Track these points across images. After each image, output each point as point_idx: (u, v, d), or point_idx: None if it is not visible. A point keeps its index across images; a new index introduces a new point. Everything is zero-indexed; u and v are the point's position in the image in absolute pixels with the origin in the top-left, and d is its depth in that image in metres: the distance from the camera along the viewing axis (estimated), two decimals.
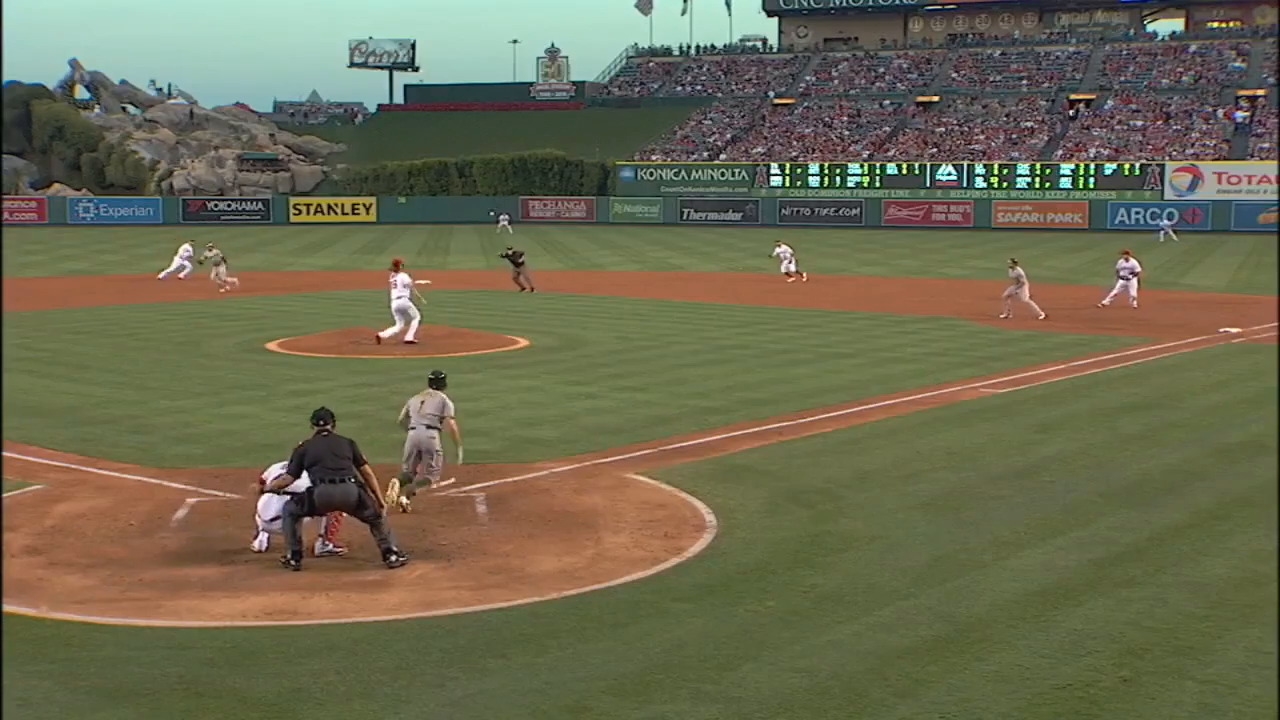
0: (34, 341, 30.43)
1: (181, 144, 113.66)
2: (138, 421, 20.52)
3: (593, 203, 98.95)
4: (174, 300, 41.08)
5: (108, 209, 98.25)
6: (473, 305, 39.78)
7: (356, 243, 73.00)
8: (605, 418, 21.02)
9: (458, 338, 31.40)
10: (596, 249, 69.52)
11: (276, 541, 13.31)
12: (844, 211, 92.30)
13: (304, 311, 37.68)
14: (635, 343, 30.67)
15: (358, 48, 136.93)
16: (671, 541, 13.92)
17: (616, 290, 45.31)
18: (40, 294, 43.58)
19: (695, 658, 10.53)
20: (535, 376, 25.22)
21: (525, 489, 16.23)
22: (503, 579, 12.63)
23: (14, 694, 9.71)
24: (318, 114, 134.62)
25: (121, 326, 33.66)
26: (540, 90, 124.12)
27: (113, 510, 15.13)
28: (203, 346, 29.87)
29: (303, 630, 11.22)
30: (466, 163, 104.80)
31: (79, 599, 11.97)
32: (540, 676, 10.15)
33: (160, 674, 10.15)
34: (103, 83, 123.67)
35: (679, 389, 23.84)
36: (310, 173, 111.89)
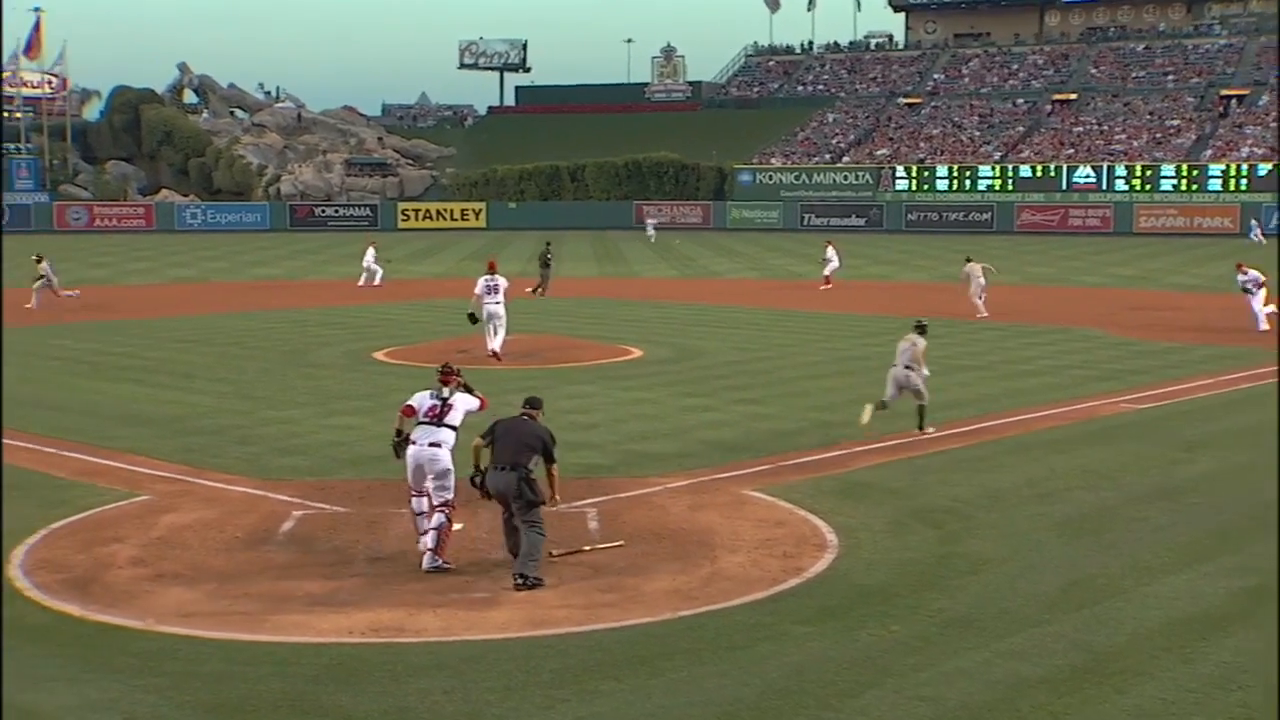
0: (140, 350, 31.22)
1: (289, 148, 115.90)
2: (244, 432, 20.94)
3: (709, 207, 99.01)
4: (289, 307, 41.85)
5: (215, 215, 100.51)
6: (584, 314, 40.00)
7: (466, 249, 73.80)
8: (722, 431, 21.00)
9: (569, 348, 31.59)
10: (713, 256, 69.53)
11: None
12: (974, 216, 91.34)
13: (411, 320, 38.17)
14: (753, 353, 30.61)
15: (468, 48, 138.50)
16: (791, 561, 13.85)
17: (734, 299, 45.27)
18: (147, 301, 44.73)
19: (815, 683, 10.47)
20: (649, 388, 25.27)
21: (638, 504, 16.26)
22: (614, 598, 12.67)
23: (121, 708, 9.96)
24: (427, 117, 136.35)
25: (227, 335, 34.38)
26: (655, 91, 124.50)
27: (219, 522, 15.45)
28: (309, 355, 30.40)
29: (409, 648, 11.35)
30: (579, 166, 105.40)
31: (185, 612, 12.23)
32: (653, 700, 10.16)
33: (265, 690, 10.34)
34: (211, 86, 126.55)
35: (799, 402, 23.74)
36: (419, 177, 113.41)
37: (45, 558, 13.97)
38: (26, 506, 16.06)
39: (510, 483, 13.16)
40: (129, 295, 47.93)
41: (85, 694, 10.24)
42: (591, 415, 21.97)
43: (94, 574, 13.37)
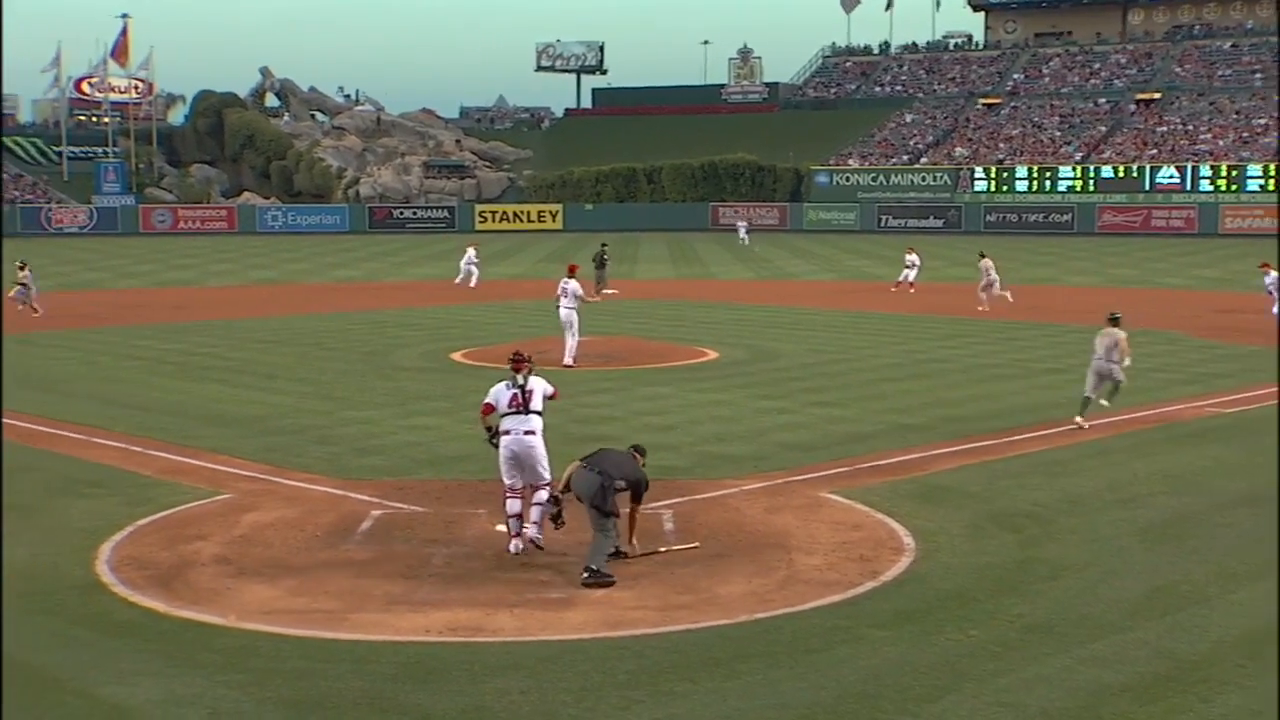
0: (224, 350, 31.64)
1: (368, 151, 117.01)
2: (324, 432, 21.16)
3: (786, 209, 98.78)
4: (368, 308, 42.24)
5: (295, 217, 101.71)
6: (660, 316, 40.04)
7: (542, 250, 74.12)
8: (798, 434, 20.94)
9: (644, 350, 31.63)
10: (789, 257, 69.36)
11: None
12: (1054, 217, 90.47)
13: (488, 321, 38.39)
14: (830, 356, 30.50)
15: (545, 51, 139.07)
16: (867, 565, 13.79)
17: (810, 301, 45.13)
18: (230, 302, 45.32)
19: (893, 688, 10.41)
20: (725, 390, 25.25)
21: (714, 506, 16.25)
22: (690, 600, 12.67)
23: (204, 704, 10.10)
24: (504, 119, 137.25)
25: (308, 335, 34.76)
26: (732, 92, 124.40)
27: (299, 521, 15.62)
28: (388, 356, 30.66)
29: (486, 647, 11.42)
30: (655, 168, 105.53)
31: (266, 609, 12.38)
32: (729, 702, 10.15)
33: (344, 688, 10.44)
34: (292, 90, 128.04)
35: (876, 404, 23.63)
36: (496, 179, 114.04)
37: (131, 554, 14.20)
38: (113, 504, 16.34)
39: (594, 484, 13.29)
40: (212, 296, 48.61)
41: (171, 689, 10.40)
42: (667, 417, 21.98)
43: (178, 571, 13.58)
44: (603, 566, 13.15)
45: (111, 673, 10.75)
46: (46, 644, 11.47)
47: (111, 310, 42.18)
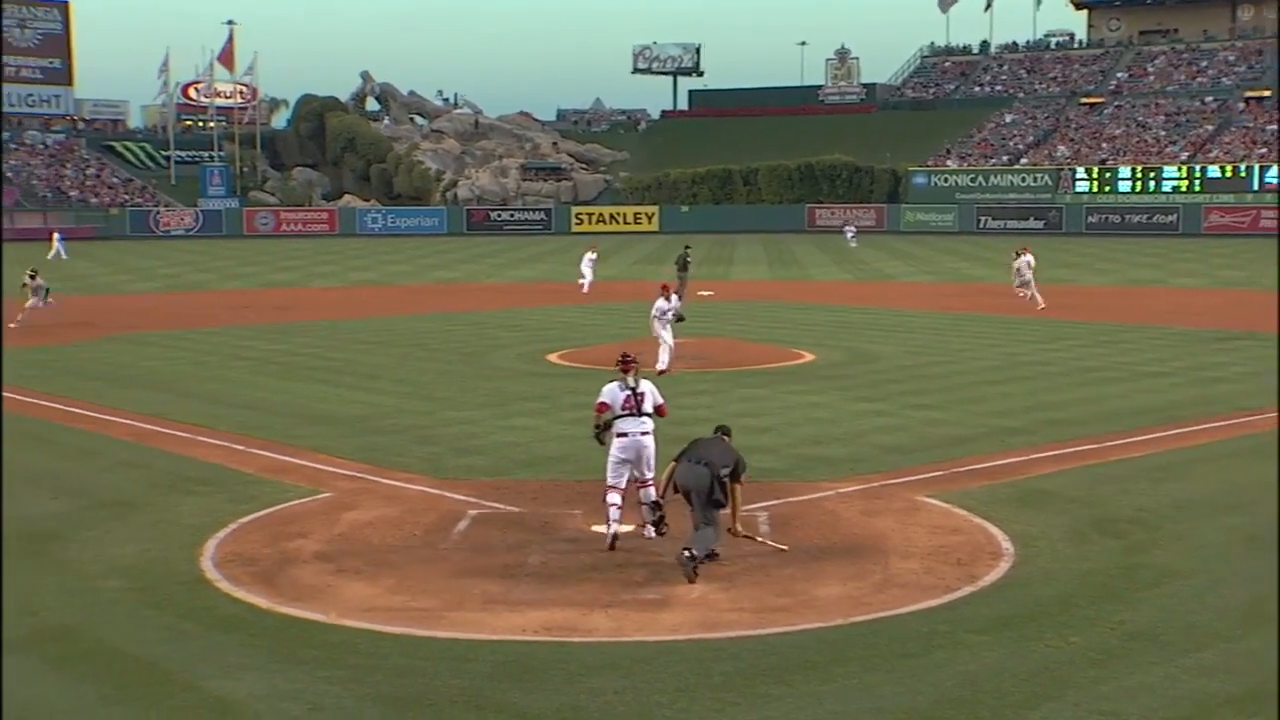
0: (325, 351, 32.06)
1: (466, 153, 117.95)
2: (424, 432, 21.36)
3: (883, 210, 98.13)
4: (467, 310, 42.59)
5: (395, 219, 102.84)
6: (757, 317, 39.95)
7: (638, 252, 74.25)
8: (896, 436, 20.79)
9: (741, 351, 31.58)
10: (887, 259, 68.90)
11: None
12: (1158, 218, 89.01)
13: (584, 323, 38.53)
14: (928, 358, 30.24)
15: (641, 53, 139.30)
16: (965, 569, 13.66)
17: (908, 303, 44.79)
18: (332, 304, 45.92)
19: (991, 694, 10.31)
20: (822, 392, 25.13)
21: (810, 509, 16.19)
22: (786, 602, 12.63)
23: (305, 698, 10.25)
24: (601, 121, 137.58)
25: (408, 336, 35.10)
26: (829, 93, 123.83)
27: (398, 520, 15.79)
28: (486, 358, 30.88)
29: (582, 647, 11.46)
30: (751, 170, 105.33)
31: (365, 607, 12.53)
32: (825, 706, 10.11)
33: (442, 685, 10.54)
34: (392, 94, 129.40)
35: (976, 407, 23.39)
36: (592, 181, 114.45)
37: (235, 551, 14.44)
38: (218, 501, 16.63)
39: (703, 478, 13.30)
40: (315, 298, 49.27)
41: (273, 683, 10.56)
42: (763, 419, 21.92)
43: (280, 568, 13.78)
44: (703, 554, 13.17)
45: (217, 666, 10.95)
46: (156, 638, 11.70)
47: (218, 311, 42.89)
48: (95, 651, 11.39)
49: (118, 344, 33.80)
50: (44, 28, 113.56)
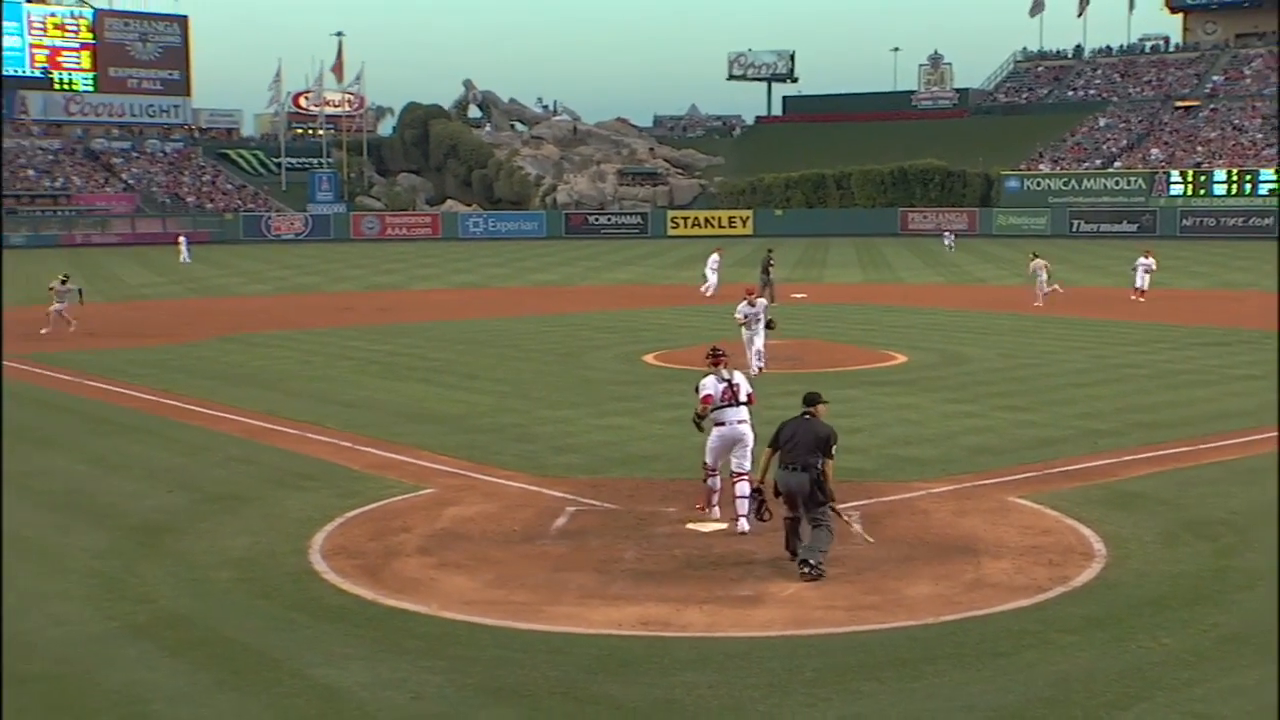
0: (427, 351, 32.37)
1: (565, 159, 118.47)
2: (522, 430, 21.49)
3: (975, 214, 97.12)
4: (564, 312, 42.79)
5: (495, 223, 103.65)
6: (850, 319, 39.72)
7: (733, 256, 74.06)
8: (986, 438, 20.58)
9: (833, 352, 31.42)
10: (979, 262, 68.19)
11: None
12: (1254, 221, 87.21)
13: (679, 324, 38.54)
14: (1019, 360, 29.89)
15: (736, 60, 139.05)
16: (1056, 570, 13.48)
17: (999, 305, 44.30)
18: (434, 305, 46.36)
19: (1082, 694, 10.17)
20: (913, 394, 24.94)
21: (901, 509, 16.07)
22: (877, 600, 12.55)
23: (408, 687, 10.36)
24: (696, 127, 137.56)
25: (507, 337, 35.33)
26: (922, 98, 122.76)
27: (498, 515, 15.90)
28: (582, 358, 31.00)
29: (676, 642, 11.47)
30: (844, 174, 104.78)
31: (466, 600, 12.64)
32: (915, 703, 10.04)
33: (540, 677, 10.60)
34: (493, 101, 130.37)
35: (1065, 409, 23.08)
36: (688, 186, 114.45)
37: (341, 544, 14.62)
38: (325, 496, 16.85)
39: (803, 483, 13.25)
40: (417, 299, 49.76)
41: (377, 672, 10.69)
42: (855, 420, 21.78)
43: (384, 561, 13.93)
44: (822, 561, 13.11)
45: (323, 655, 11.10)
46: (265, 627, 11.90)
47: (325, 313, 43.47)
48: (209, 639, 11.60)
49: (230, 344, 34.38)
50: (164, 41, 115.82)
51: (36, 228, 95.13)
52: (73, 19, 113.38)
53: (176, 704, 10.11)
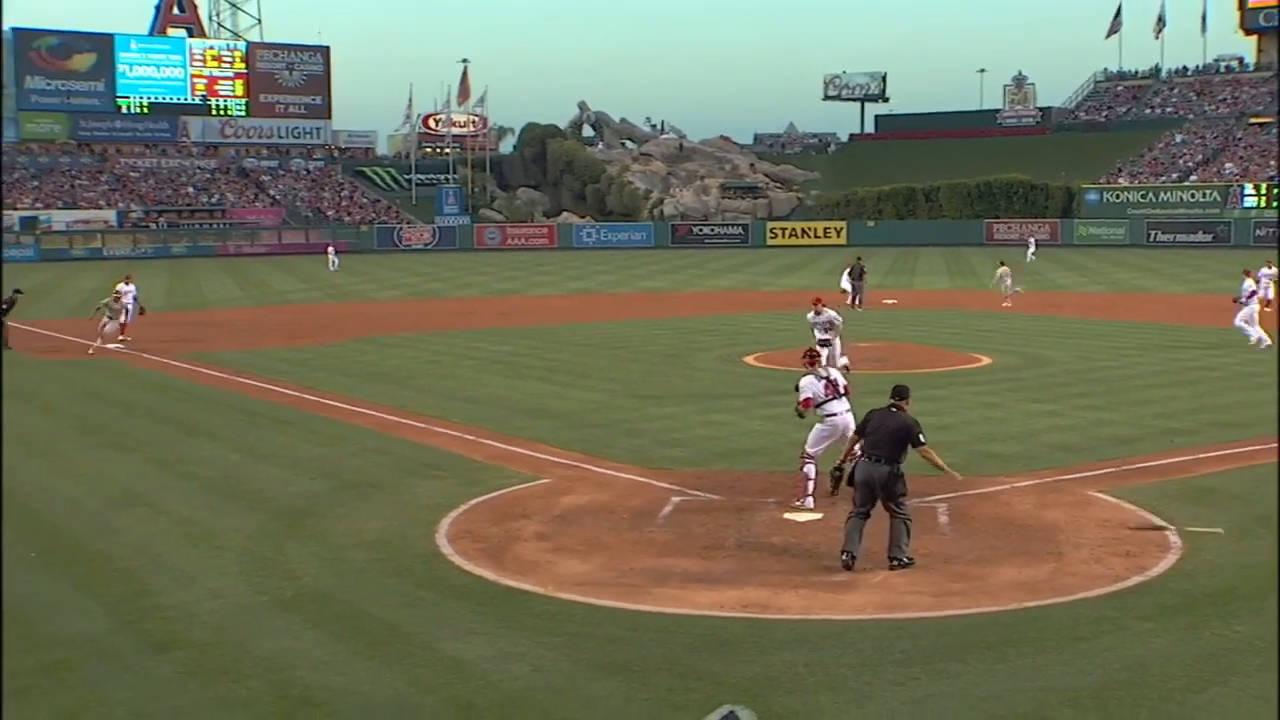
0: (544, 352, 32.57)
1: (671, 174, 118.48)
2: (631, 425, 21.54)
3: (1057, 225, 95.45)
4: (670, 316, 42.82)
5: (607, 234, 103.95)
6: (937, 324, 39.27)
7: (827, 264, 73.62)
8: (1067, 435, 20.24)
9: (922, 354, 31.11)
10: (1060, 270, 67.03)
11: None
12: None
13: (778, 328, 38.36)
14: (1098, 362, 29.35)
15: (831, 81, 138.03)
16: (1134, 560, 13.24)
17: (1080, 311, 43.53)
18: (550, 310, 46.63)
19: (1157, 678, 9.98)
20: (997, 393, 24.61)
21: (986, 502, 15.87)
22: (963, 587, 12.42)
23: (527, 661, 10.45)
24: (794, 144, 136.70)
25: (617, 340, 35.43)
26: (1006, 116, 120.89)
27: (609, 504, 15.96)
28: (687, 359, 30.99)
29: (774, 623, 11.44)
30: (933, 188, 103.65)
31: (579, 581, 12.71)
32: (999, 683, 9.92)
33: (648, 654, 10.62)
34: (605, 121, 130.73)
35: (1143, 409, 22.62)
36: (786, 199, 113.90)
37: (465, 529, 14.77)
38: (450, 484, 17.03)
39: (882, 475, 13.03)
40: (535, 305, 50.08)
41: (499, 646, 10.79)
42: (943, 418, 21.51)
43: (505, 545, 14.05)
44: (905, 554, 12.96)
45: (450, 630, 11.23)
46: (397, 603, 12.06)
47: (450, 316, 43.93)
48: (347, 613, 11.78)
49: (365, 345, 34.88)
50: (308, 70, 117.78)
51: (195, 239, 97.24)
52: (228, 51, 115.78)
53: (319, 671, 10.30)
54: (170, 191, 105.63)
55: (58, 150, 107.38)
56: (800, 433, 19.52)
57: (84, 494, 16.84)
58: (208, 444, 20.30)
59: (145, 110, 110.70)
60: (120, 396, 25.83)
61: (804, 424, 16.24)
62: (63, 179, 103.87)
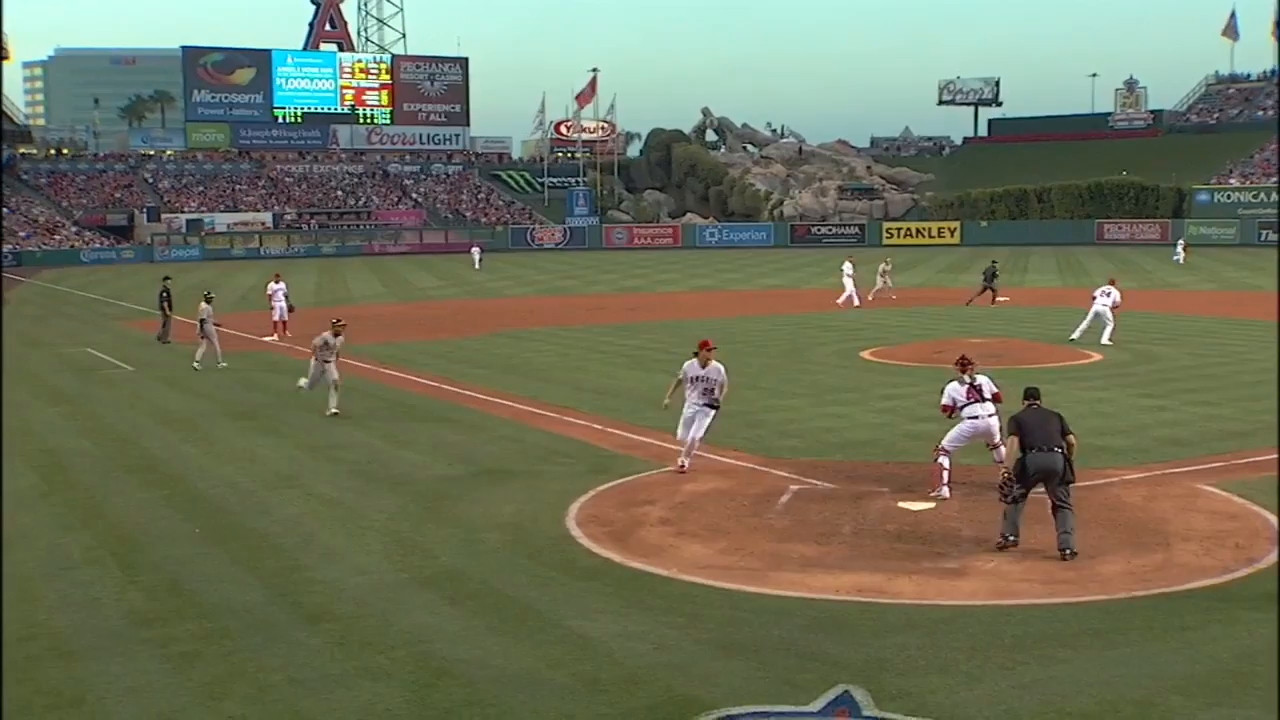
0: (669, 346, 32.54)
1: (791, 177, 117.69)
2: (751, 417, 21.46)
3: (1167, 225, 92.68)
4: (790, 312, 42.59)
5: (729, 234, 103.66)
6: (1049, 321, 38.43)
7: (942, 263, 72.55)
8: (1176, 430, 19.68)
9: (1035, 350, 30.49)
10: (1171, 269, 65.17)
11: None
12: None
13: (893, 325, 37.93)
14: (1208, 359, 28.48)
15: (946, 86, 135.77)
16: (1242, 552, 12.83)
17: (1191, 309, 42.26)
18: (675, 306, 46.65)
19: (1267, 668, 9.65)
20: (1107, 389, 24.02)
21: (1096, 494, 15.49)
22: (1073, 576, 12.15)
23: (650, 639, 10.48)
24: (909, 147, 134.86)
25: (738, 335, 35.26)
26: (1118, 119, 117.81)
27: (730, 491, 15.93)
28: (805, 354, 30.78)
29: (888, 608, 11.32)
30: (1045, 189, 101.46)
31: (701, 564, 12.71)
32: (1108, 670, 9.69)
33: (766, 635, 10.59)
34: (728, 126, 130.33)
35: (1253, 405, 21.88)
36: (901, 200, 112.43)
37: (593, 514, 14.86)
38: (579, 471, 17.15)
39: (1057, 462, 12.86)
40: (660, 301, 50.14)
41: (624, 625, 10.84)
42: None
43: (630, 529, 14.10)
44: (1076, 546, 12.68)
45: (578, 609, 11.31)
46: (528, 582, 12.18)
47: (580, 312, 44.21)
48: (481, 591, 11.94)
49: (501, 339, 35.28)
50: (448, 80, 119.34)
51: (343, 239, 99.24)
52: (375, 64, 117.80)
53: (455, 644, 10.45)
54: (321, 195, 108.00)
55: (220, 158, 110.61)
56: (917, 425, 19.32)
57: (240, 475, 17.31)
58: (355, 431, 20.71)
59: (299, 120, 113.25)
60: (272, 385, 26.48)
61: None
62: (224, 184, 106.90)
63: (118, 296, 56.51)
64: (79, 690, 9.58)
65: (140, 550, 13.55)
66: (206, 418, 22.40)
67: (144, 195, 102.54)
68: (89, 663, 10.16)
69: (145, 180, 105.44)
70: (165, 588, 12.16)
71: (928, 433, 19.52)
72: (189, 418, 22.44)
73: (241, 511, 15.27)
